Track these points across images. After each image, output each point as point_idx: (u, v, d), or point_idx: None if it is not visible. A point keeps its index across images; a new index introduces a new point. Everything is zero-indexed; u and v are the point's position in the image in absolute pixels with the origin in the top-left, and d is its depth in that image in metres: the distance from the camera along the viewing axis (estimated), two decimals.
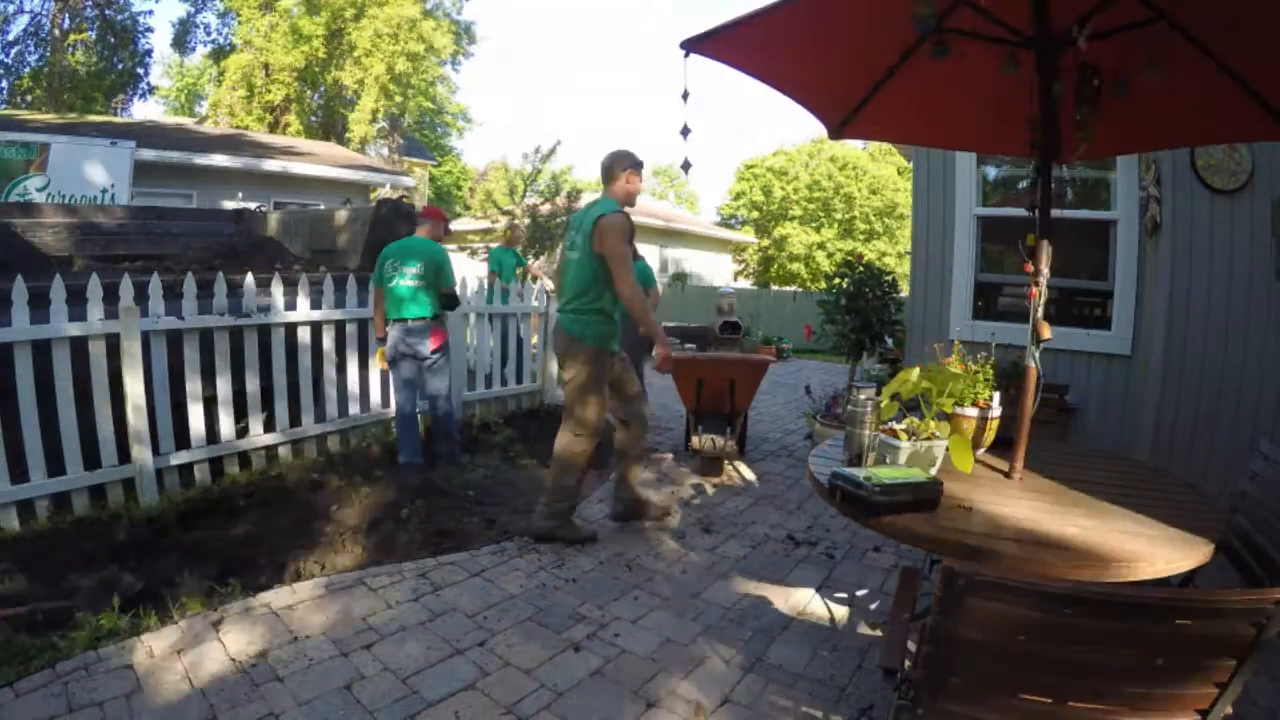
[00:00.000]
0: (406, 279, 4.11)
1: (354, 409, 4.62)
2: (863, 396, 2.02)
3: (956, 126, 2.86)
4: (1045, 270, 1.98)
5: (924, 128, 3.01)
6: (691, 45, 2.20)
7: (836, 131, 2.84)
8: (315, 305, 4.33)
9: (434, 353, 4.23)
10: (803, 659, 2.41)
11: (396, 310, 4.13)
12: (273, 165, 12.06)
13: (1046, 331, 1.96)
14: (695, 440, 4.54)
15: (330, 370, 4.46)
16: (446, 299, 4.31)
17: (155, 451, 3.57)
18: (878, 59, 2.44)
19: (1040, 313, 1.96)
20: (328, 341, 4.42)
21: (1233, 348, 3.61)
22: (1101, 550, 1.51)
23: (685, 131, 2.28)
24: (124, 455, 3.47)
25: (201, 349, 3.76)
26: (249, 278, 3.98)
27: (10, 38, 16.56)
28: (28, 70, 17.07)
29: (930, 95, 2.52)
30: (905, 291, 6.41)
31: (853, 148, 29.69)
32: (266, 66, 18.89)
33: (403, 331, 4.15)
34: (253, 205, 9.66)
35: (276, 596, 2.68)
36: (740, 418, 4.81)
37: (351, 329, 4.53)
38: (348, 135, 19.80)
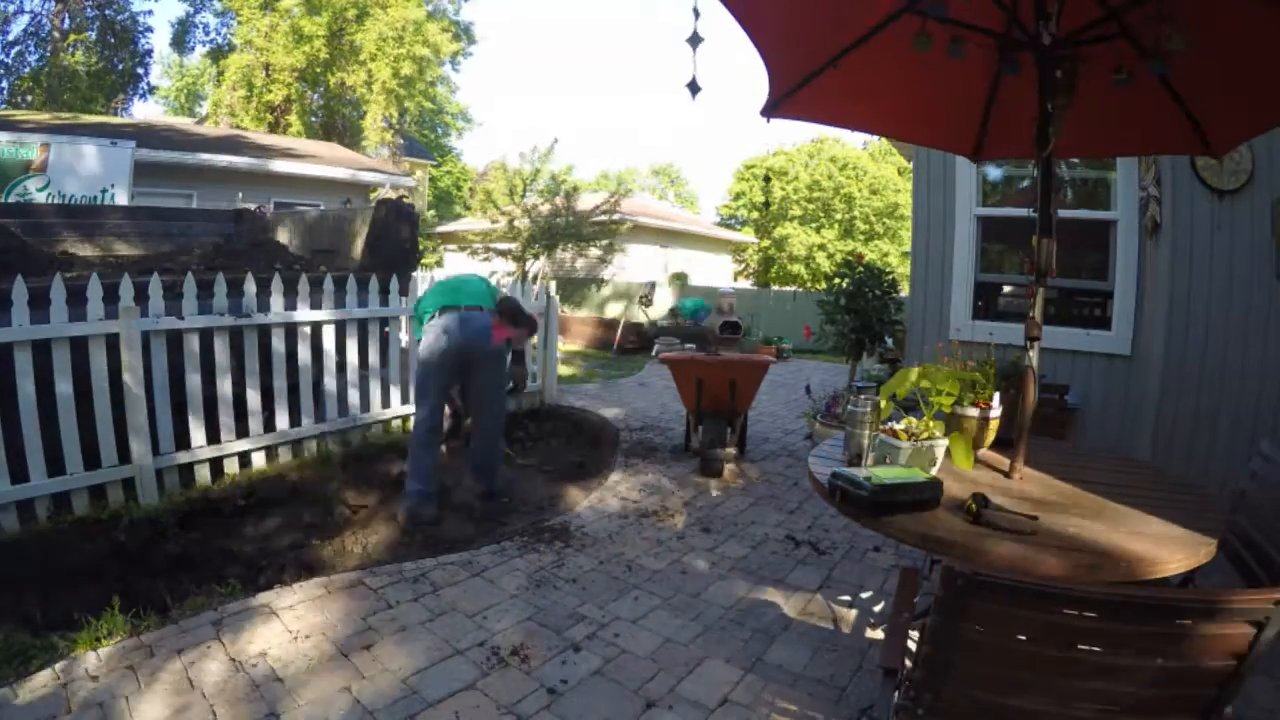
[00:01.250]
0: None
1: (354, 409, 4.62)
2: (863, 397, 2.02)
3: (901, 117, 2.83)
4: (1049, 269, 1.98)
5: (865, 114, 2.87)
6: (769, 112, 2.21)
7: (975, 155, 2.82)
8: (315, 305, 4.33)
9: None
10: (803, 659, 2.41)
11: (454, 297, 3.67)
12: (273, 165, 12.07)
13: (1036, 330, 1.97)
14: (695, 441, 4.52)
15: (330, 370, 4.46)
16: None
17: (155, 451, 3.57)
18: (833, 40, 2.34)
19: (1037, 312, 1.97)
20: (328, 341, 4.42)
21: (1233, 348, 3.61)
22: (1101, 550, 1.51)
23: (694, 89, 2.19)
24: (124, 455, 3.47)
25: (201, 349, 3.76)
26: (249, 278, 3.98)
27: (10, 38, 16.60)
28: (28, 70, 17.07)
29: (879, 82, 2.47)
30: (905, 291, 6.41)
31: (853, 148, 29.76)
32: (267, 66, 18.88)
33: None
34: (253, 206, 9.65)
35: (276, 596, 2.68)
36: (741, 418, 4.76)
37: (352, 329, 4.53)
38: (364, 143, 19.81)
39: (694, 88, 2.18)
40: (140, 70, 18.78)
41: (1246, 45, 1.99)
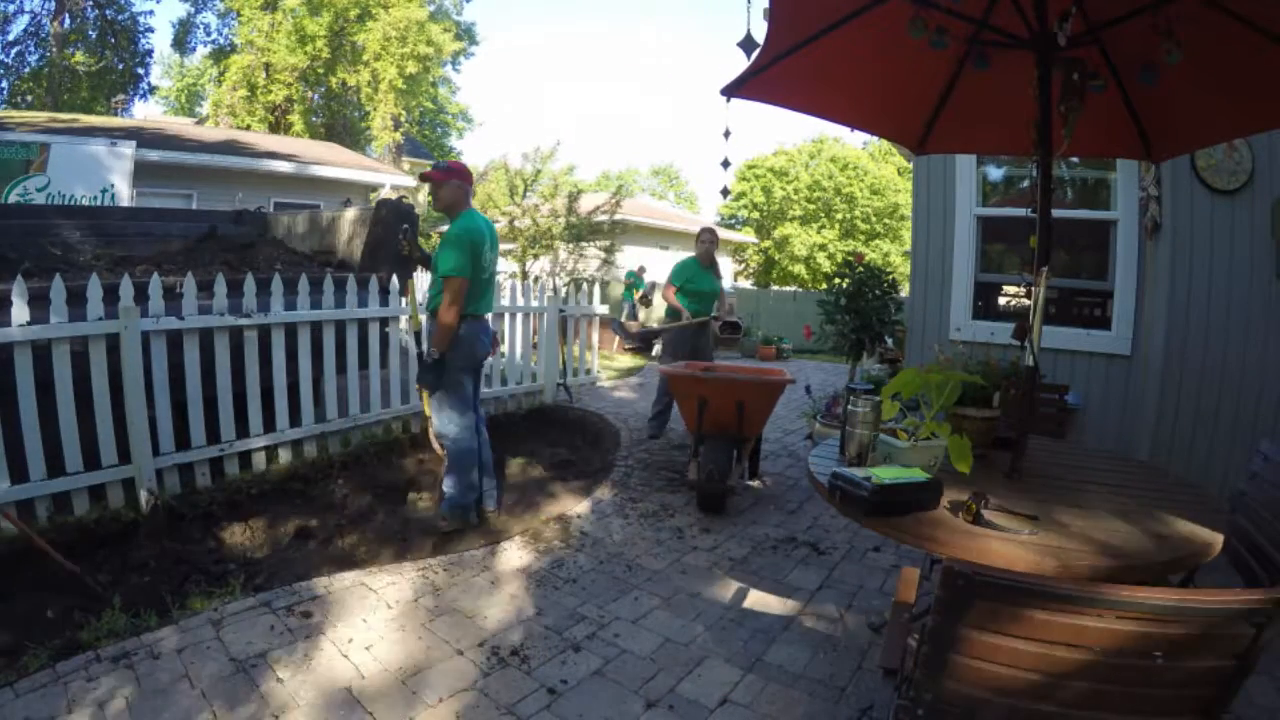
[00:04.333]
0: (496, 268, 3.73)
1: (354, 409, 4.62)
2: (863, 397, 2.02)
3: (854, 105, 2.79)
4: (1044, 271, 1.98)
5: (822, 100, 2.75)
6: (731, 91, 2.15)
7: (919, 147, 2.82)
8: (315, 305, 4.32)
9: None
10: (803, 659, 2.41)
11: (487, 303, 3.66)
12: (273, 166, 12.07)
13: (1024, 332, 1.98)
14: (692, 469, 3.91)
15: (330, 370, 4.46)
16: None
17: (155, 452, 3.57)
18: (932, 72, 2.40)
19: (1036, 315, 1.97)
20: (328, 341, 4.41)
21: (1233, 348, 3.61)
22: (1101, 550, 1.51)
23: (725, 164, 2.29)
24: (124, 455, 3.47)
25: (201, 349, 3.76)
26: (249, 277, 3.98)
27: (10, 38, 16.60)
28: (28, 70, 17.08)
29: (840, 70, 2.41)
30: (905, 291, 6.42)
31: (854, 148, 29.73)
32: (268, 67, 18.89)
33: (484, 328, 3.64)
34: (252, 206, 9.66)
35: (276, 597, 2.68)
36: (750, 443, 4.15)
37: (352, 329, 4.53)
38: (372, 143, 19.86)
39: (748, 45, 2.09)
40: (140, 70, 18.78)
41: (1205, 64, 1.99)
